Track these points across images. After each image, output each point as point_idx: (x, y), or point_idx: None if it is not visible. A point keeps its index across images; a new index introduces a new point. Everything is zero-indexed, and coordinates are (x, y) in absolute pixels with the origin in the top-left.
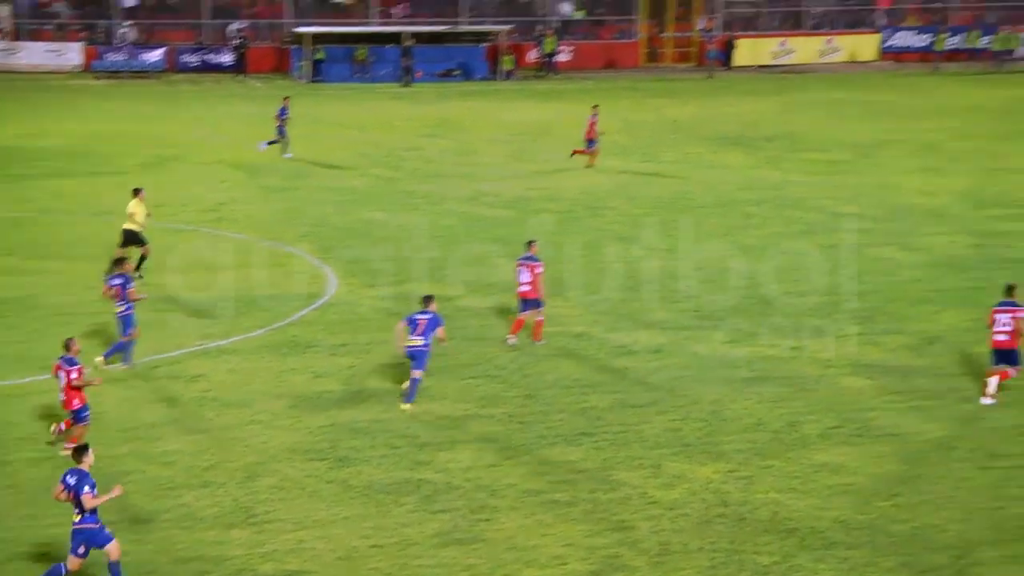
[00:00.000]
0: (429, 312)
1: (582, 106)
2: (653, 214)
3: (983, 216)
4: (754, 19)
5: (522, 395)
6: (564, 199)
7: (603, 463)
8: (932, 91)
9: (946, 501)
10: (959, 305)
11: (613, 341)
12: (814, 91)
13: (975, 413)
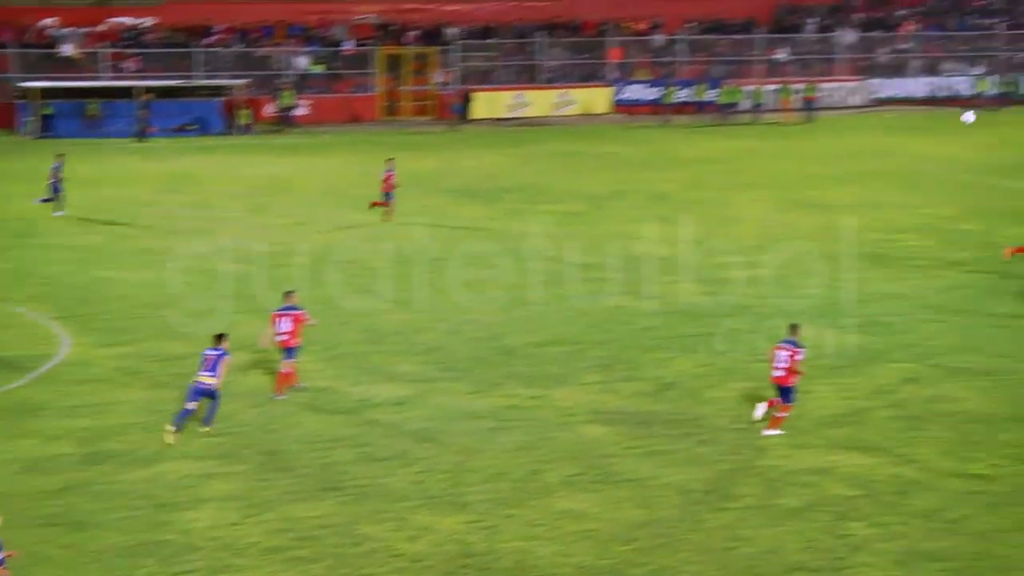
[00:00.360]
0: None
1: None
2: (394, 267)
3: (713, 264)
4: (490, 72)
5: (265, 451)
6: (304, 253)
7: (348, 518)
8: (663, 143)
9: (682, 543)
10: (692, 351)
11: (357, 394)
12: (550, 143)
13: (711, 456)
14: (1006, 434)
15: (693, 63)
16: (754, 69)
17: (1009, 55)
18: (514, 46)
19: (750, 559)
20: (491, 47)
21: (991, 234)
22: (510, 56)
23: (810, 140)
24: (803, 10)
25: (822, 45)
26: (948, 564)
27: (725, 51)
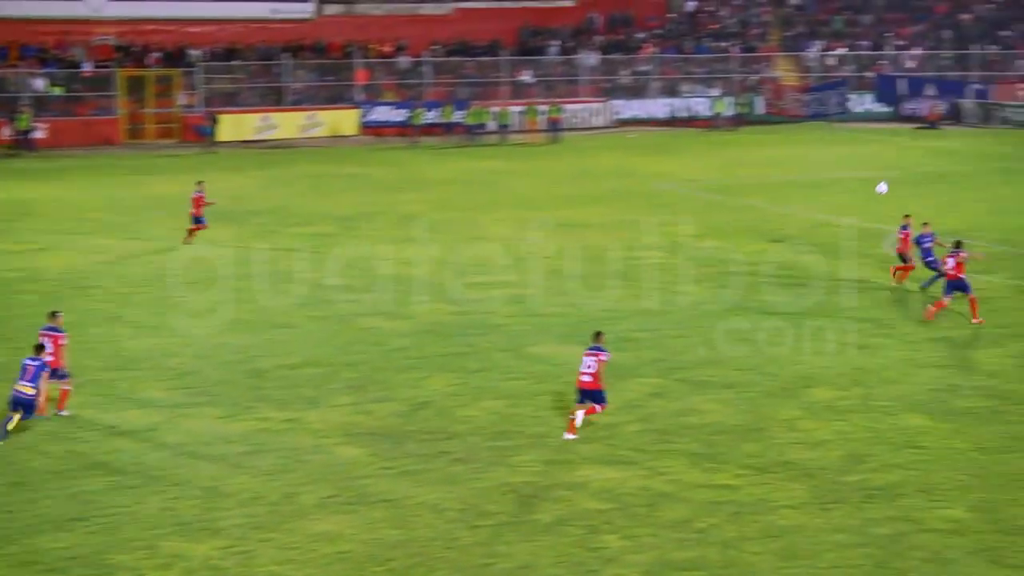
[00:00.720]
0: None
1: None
2: (141, 291)
3: (462, 284)
4: (235, 94)
5: (8, 483)
6: (47, 279)
7: (96, 547)
8: (411, 164)
9: (438, 562)
10: (444, 371)
11: (105, 422)
12: (299, 165)
13: (465, 475)
14: (749, 445)
15: (439, 85)
16: (500, 91)
17: (743, 77)
18: (259, 68)
19: (506, 575)
20: (236, 69)
21: (732, 251)
22: (256, 78)
23: (556, 160)
24: (546, 33)
25: (565, 67)
26: (696, 573)
27: (471, 73)
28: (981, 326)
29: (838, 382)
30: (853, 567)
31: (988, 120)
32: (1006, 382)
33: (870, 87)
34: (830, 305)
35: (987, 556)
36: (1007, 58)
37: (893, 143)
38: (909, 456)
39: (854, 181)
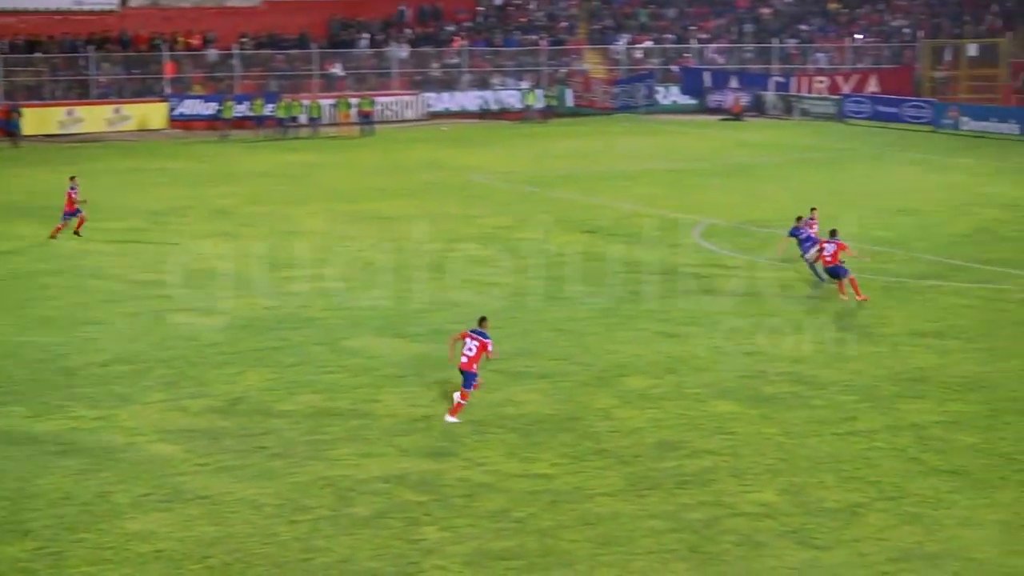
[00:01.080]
0: None
1: None
2: None
3: (278, 278)
4: (38, 88)
5: None
6: None
7: None
8: (222, 158)
9: (256, 558)
10: (259, 365)
11: None
12: (107, 160)
13: (283, 469)
14: (565, 434)
15: (249, 78)
16: (311, 84)
17: (552, 69)
18: (63, 60)
19: (326, 569)
20: (38, 61)
21: (545, 242)
22: (59, 71)
23: (369, 153)
24: (356, 25)
25: (376, 60)
26: (515, 562)
27: (281, 66)
28: (866, 302)
29: (651, 371)
30: (668, 552)
31: (789, 112)
32: (810, 368)
33: (676, 80)
34: (641, 295)
35: (795, 538)
36: (806, 51)
37: (699, 135)
38: (720, 442)
39: (663, 172)
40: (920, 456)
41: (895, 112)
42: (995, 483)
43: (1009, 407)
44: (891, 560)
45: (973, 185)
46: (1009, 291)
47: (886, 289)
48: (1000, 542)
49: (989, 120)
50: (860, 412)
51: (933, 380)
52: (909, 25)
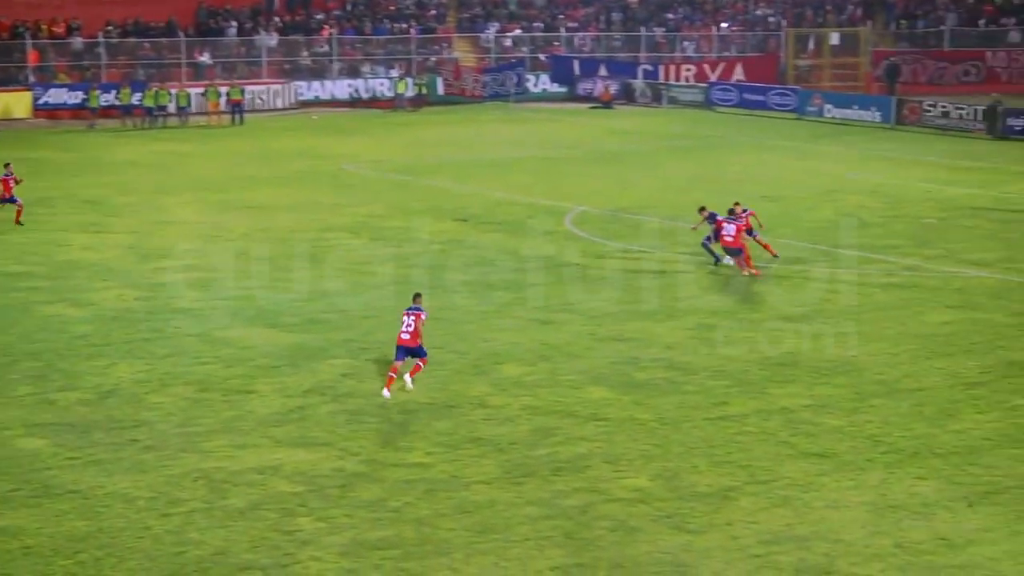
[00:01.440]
0: None
1: None
2: None
3: (149, 269)
4: None
5: None
6: None
7: None
8: (90, 147)
9: (128, 552)
10: (130, 357)
11: None
12: None
13: (155, 462)
14: (441, 422)
15: (116, 66)
16: (179, 72)
17: (423, 58)
18: None
19: (200, 562)
20: None
21: (418, 231)
22: None
23: (240, 142)
24: (224, 13)
25: (245, 48)
26: (391, 552)
27: (148, 54)
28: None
29: (525, 358)
30: (543, 538)
31: (658, 100)
32: (682, 354)
33: (546, 68)
34: (515, 282)
35: (669, 523)
36: (673, 40)
37: (569, 122)
38: (594, 428)
39: (534, 160)
40: (790, 440)
41: (761, 100)
42: (862, 465)
43: (875, 390)
44: (762, 543)
45: (837, 172)
46: (873, 276)
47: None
48: (867, 523)
49: (852, 108)
50: (731, 397)
51: (802, 364)
52: (774, 14)
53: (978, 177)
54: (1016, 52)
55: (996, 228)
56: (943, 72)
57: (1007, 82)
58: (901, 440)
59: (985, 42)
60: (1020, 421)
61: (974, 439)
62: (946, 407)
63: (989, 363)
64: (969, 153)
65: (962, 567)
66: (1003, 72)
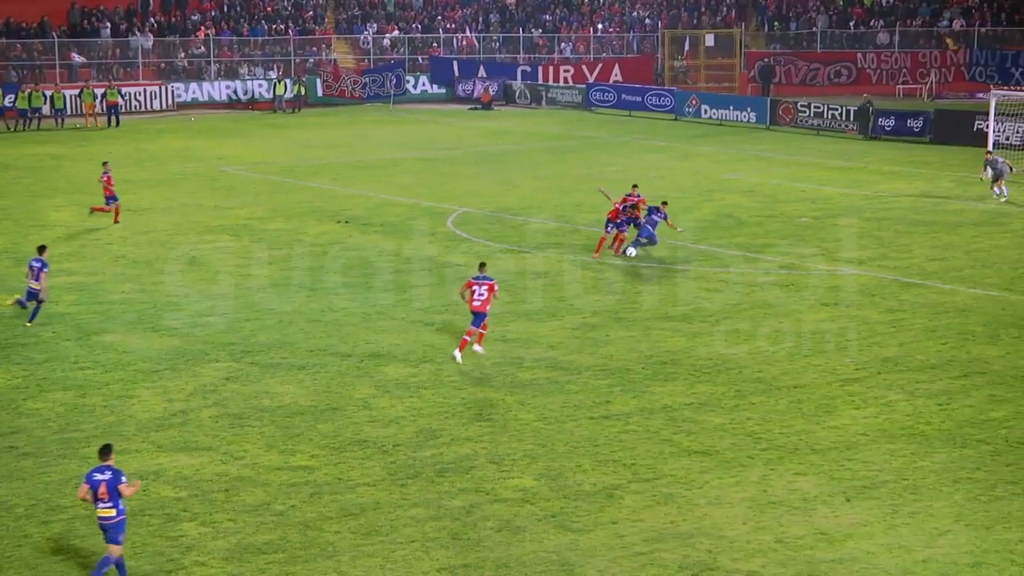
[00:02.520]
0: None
1: None
2: None
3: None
4: None
5: None
6: None
7: None
8: None
9: (8, 561)
10: (7, 363)
11: None
12: None
13: (34, 469)
14: (324, 425)
15: None
16: (52, 73)
17: (301, 59)
18: None
19: (82, 570)
20: None
21: (299, 233)
22: None
23: (117, 144)
24: (98, 14)
25: (120, 49)
26: (276, 555)
27: (20, 55)
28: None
29: (409, 359)
30: (429, 540)
31: (537, 101)
32: (565, 353)
33: (425, 69)
34: (398, 283)
35: (554, 522)
36: (552, 41)
37: (450, 124)
38: (479, 429)
39: (415, 161)
40: (672, 437)
41: (639, 101)
42: (743, 462)
43: (754, 387)
44: (646, 540)
45: (715, 172)
46: (751, 274)
47: (633, 274)
48: (748, 518)
49: (728, 109)
50: (614, 396)
51: (683, 362)
52: (650, 15)
53: (851, 176)
54: (885, 53)
55: (869, 226)
56: (816, 73)
57: (877, 83)
58: (780, 437)
59: (855, 44)
60: (895, 416)
61: (851, 435)
62: (824, 403)
63: (864, 359)
64: (842, 153)
65: (841, 560)
66: (873, 73)
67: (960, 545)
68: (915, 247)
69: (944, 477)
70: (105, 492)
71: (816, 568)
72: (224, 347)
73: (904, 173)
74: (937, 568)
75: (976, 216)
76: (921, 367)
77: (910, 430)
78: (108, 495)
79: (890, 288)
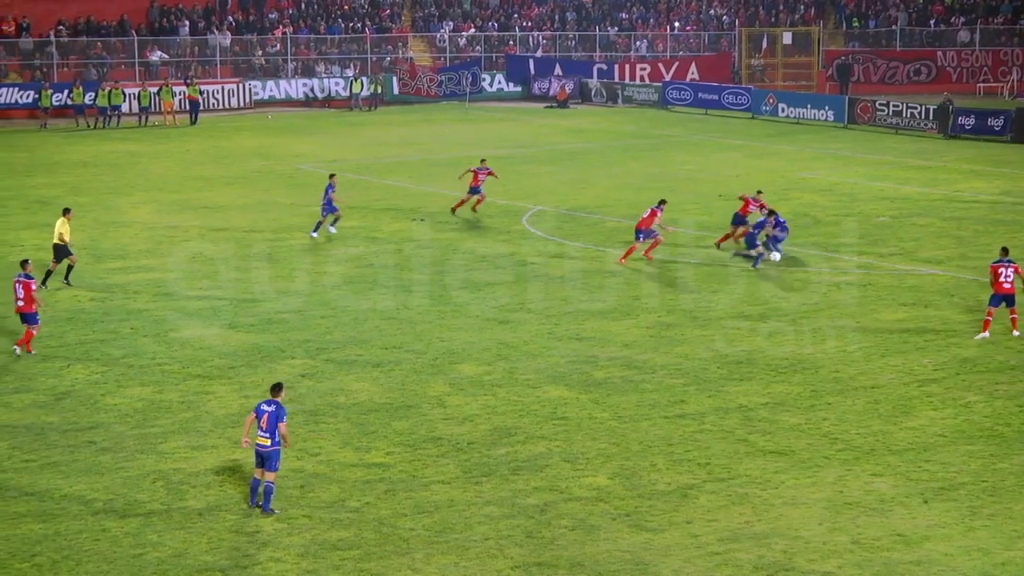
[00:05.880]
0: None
1: None
2: None
3: (102, 269)
4: None
5: None
6: None
7: None
8: (42, 148)
9: (86, 554)
10: (86, 359)
11: None
12: None
13: (112, 464)
14: (399, 422)
15: (68, 65)
16: (133, 71)
17: (378, 57)
18: None
19: (159, 564)
20: None
21: (376, 230)
22: None
23: (195, 142)
24: (177, 12)
25: (199, 47)
26: (351, 552)
27: (100, 53)
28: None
29: (483, 357)
30: (504, 538)
31: (613, 99)
32: (639, 352)
33: (501, 67)
34: (474, 280)
35: (628, 521)
36: (627, 39)
37: (525, 122)
38: (553, 427)
39: (490, 160)
40: (748, 437)
41: (715, 99)
42: (819, 462)
43: (830, 387)
44: (721, 540)
45: (791, 171)
46: (828, 274)
47: (710, 274)
48: (824, 519)
49: (805, 107)
50: (689, 395)
51: (758, 362)
52: (727, 13)
53: (930, 175)
54: (965, 52)
55: (948, 226)
56: (894, 71)
57: (957, 81)
58: (857, 437)
59: (935, 41)
60: (973, 418)
61: (928, 436)
62: (901, 404)
63: (942, 360)
64: (921, 152)
65: (918, 563)
66: (953, 71)
67: None
68: (995, 247)
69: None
70: (266, 423)
71: (893, 570)
72: (300, 344)
73: (984, 172)
74: (1016, 571)
75: None
76: (1000, 368)
77: (989, 431)
78: (268, 426)
79: (969, 288)
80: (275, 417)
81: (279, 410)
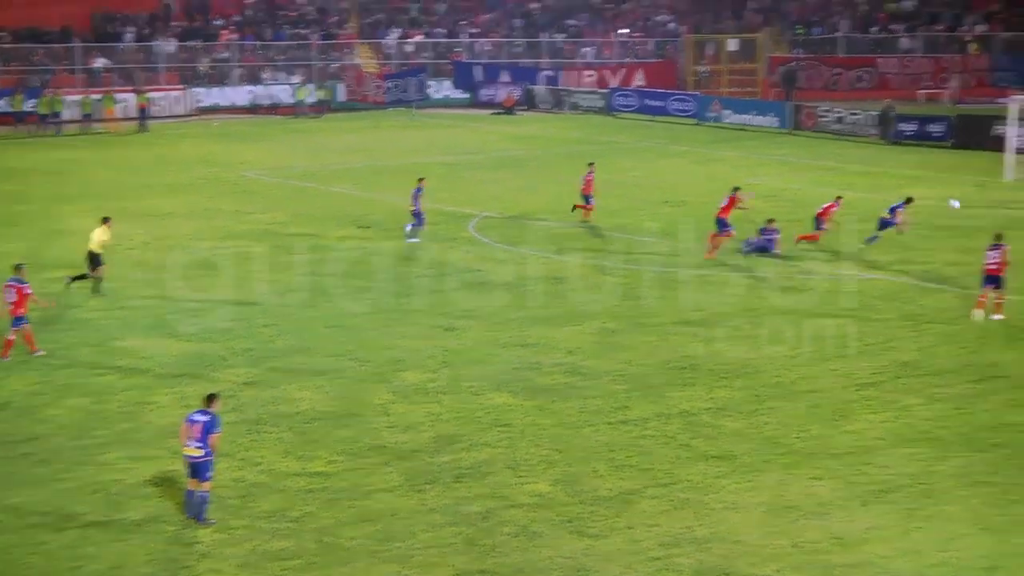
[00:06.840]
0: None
1: None
2: None
3: (44, 279)
4: None
5: None
6: None
7: None
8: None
9: (22, 568)
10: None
11: None
12: None
13: (49, 476)
14: (342, 431)
15: (9, 72)
16: (76, 78)
17: (324, 64)
18: None
19: None
20: None
21: (321, 238)
22: None
23: (140, 149)
24: (121, 19)
25: (144, 54)
26: (292, 562)
27: (42, 60)
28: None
29: (427, 364)
30: (446, 546)
31: (559, 105)
32: (584, 358)
33: (448, 74)
34: (417, 289)
35: (570, 527)
36: (574, 46)
37: (472, 128)
38: (496, 434)
39: (437, 166)
40: (690, 443)
41: (661, 106)
42: (759, 467)
43: (772, 392)
44: (663, 545)
45: (736, 177)
46: (770, 279)
47: (654, 279)
48: (764, 523)
49: (749, 113)
50: (632, 401)
51: (701, 368)
52: (672, 20)
53: (872, 181)
54: (907, 58)
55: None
56: (838, 78)
57: (899, 88)
58: (797, 441)
59: (878, 48)
60: (911, 421)
61: (867, 439)
62: (840, 408)
63: (882, 364)
64: (863, 157)
65: (856, 565)
66: (894, 78)
67: (975, 549)
68: (936, 251)
69: (960, 481)
70: (199, 433)
71: (831, 572)
72: (243, 352)
73: (925, 178)
74: (951, 572)
75: (996, 221)
76: (939, 371)
77: (927, 434)
78: (199, 436)
79: (909, 293)
80: (207, 428)
81: (213, 420)
